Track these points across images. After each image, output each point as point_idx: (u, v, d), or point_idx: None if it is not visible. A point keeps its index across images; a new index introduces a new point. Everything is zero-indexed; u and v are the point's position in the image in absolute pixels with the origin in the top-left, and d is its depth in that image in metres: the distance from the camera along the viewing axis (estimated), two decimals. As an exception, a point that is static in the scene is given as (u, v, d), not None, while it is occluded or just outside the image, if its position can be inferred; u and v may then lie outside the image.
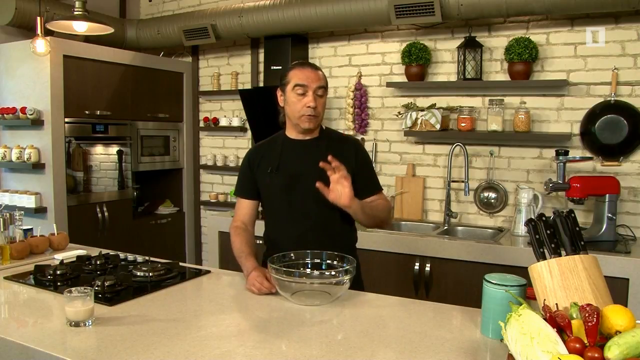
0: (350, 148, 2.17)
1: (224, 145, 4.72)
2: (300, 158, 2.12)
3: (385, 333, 1.53)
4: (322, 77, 2.08)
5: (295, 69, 2.07)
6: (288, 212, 2.12)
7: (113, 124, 4.03)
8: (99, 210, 3.94)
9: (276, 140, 2.21)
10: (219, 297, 1.87)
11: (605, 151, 3.22)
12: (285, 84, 2.08)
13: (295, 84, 2.03)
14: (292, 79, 2.05)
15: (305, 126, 2.07)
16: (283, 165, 2.12)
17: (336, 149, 2.08)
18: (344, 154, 2.09)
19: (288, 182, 2.10)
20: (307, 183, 2.02)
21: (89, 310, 1.53)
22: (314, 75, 2.05)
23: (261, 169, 2.15)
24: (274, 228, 2.20)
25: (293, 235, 2.10)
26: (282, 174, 2.11)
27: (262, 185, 2.16)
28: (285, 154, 2.14)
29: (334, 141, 2.18)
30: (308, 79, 2.03)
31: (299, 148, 2.14)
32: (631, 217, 3.21)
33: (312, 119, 2.06)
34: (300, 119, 2.05)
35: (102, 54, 3.93)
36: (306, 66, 2.08)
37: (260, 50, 4.39)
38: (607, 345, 1.05)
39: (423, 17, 3.31)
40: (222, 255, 3.90)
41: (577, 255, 1.38)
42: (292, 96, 2.04)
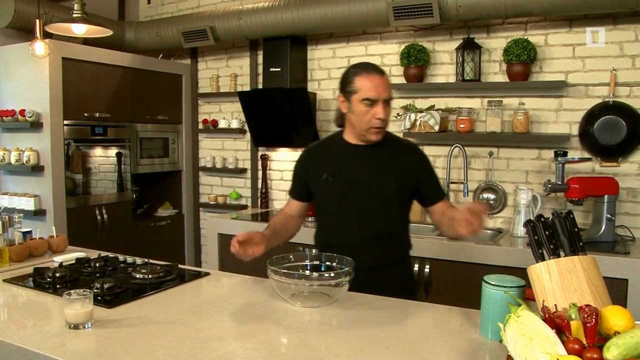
0: (413, 156, 2.11)
1: (223, 147, 4.72)
2: (359, 164, 2.04)
3: (385, 334, 1.52)
4: (389, 85, 1.97)
5: (362, 76, 1.93)
6: (343, 219, 2.05)
7: (112, 126, 4.03)
8: (98, 212, 3.94)
9: (332, 143, 2.13)
10: (219, 299, 1.87)
11: (604, 152, 3.22)
12: (350, 91, 1.95)
13: (364, 97, 1.91)
14: (360, 90, 1.92)
15: (373, 139, 1.99)
16: (339, 171, 2.04)
17: (396, 156, 2.05)
18: (404, 161, 2.06)
19: (345, 189, 2.02)
20: (365, 190, 2.00)
21: (88, 313, 1.53)
22: (383, 84, 1.93)
23: (316, 174, 2.08)
24: (327, 233, 2.14)
25: (347, 242, 2.03)
26: (338, 181, 2.03)
27: (316, 190, 2.11)
28: (343, 159, 2.06)
29: (396, 148, 2.09)
30: (378, 91, 1.91)
31: (359, 154, 2.05)
32: (630, 217, 3.21)
33: (380, 131, 1.98)
34: (368, 131, 1.97)
35: (101, 56, 3.93)
36: (373, 73, 1.93)
37: (259, 52, 4.40)
38: (606, 346, 1.05)
39: (421, 18, 3.32)
40: (221, 257, 3.91)
41: (576, 256, 1.38)
42: (360, 107, 1.93)
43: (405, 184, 2.05)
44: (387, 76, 1.99)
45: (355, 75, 1.95)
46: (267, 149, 4.47)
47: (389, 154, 2.05)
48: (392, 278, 2.07)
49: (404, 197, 2.08)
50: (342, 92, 2.01)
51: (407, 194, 2.09)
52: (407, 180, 2.05)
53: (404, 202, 2.11)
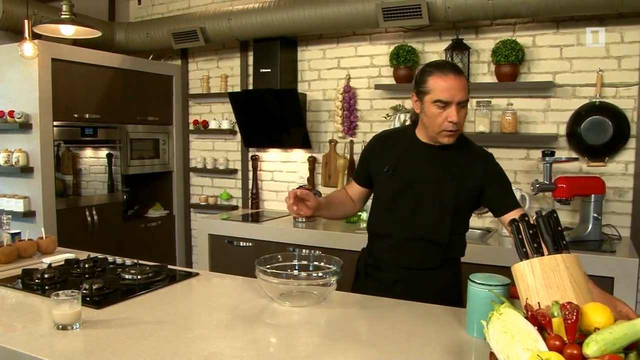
0: (480, 162, 1.98)
1: (214, 148, 4.72)
2: (423, 164, 1.98)
3: (372, 333, 1.54)
4: (466, 86, 1.85)
5: (436, 76, 1.84)
6: (394, 216, 2.01)
7: (102, 127, 4.03)
8: (89, 213, 3.94)
9: (402, 136, 2.06)
10: (208, 299, 1.88)
11: (591, 152, 3.26)
12: (423, 92, 1.87)
13: (437, 99, 1.83)
14: (432, 90, 1.84)
15: (445, 142, 1.90)
16: (401, 167, 1.98)
17: (464, 161, 1.96)
18: (471, 167, 1.96)
19: (402, 187, 1.96)
20: (421, 191, 1.95)
21: (77, 314, 1.53)
22: (458, 85, 1.82)
23: (379, 164, 2.04)
24: (379, 227, 2.08)
25: (398, 240, 2.00)
26: (397, 177, 1.98)
27: (376, 181, 2.07)
28: (408, 155, 2.00)
29: (464, 152, 1.98)
30: (451, 92, 1.81)
31: (425, 153, 1.98)
32: (616, 216, 3.25)
33: (453, 135, 1.88)
34: (440, 134, 1.88)
35: (91, 57, 3.93)
36: (448, 72, 1.83)
37: (249, 53, 4.40)
38: (586, 342, 1.07)
39: (410, 19, 3.34)
40: (212, 258, 3.91)
41: (559, 254, 1.40)
42: (432, 108, 1.85)
43: (465, 191, 1.96)
44: (463, 76, 1.88)
45: (429, 75, 1.86)
46: (258, 150, 4.48)
47: (456, 158, 1.96)
48: (436, 281, 2.01)
49: (462, 204, 1.99)
50: (415, 92, 1.93)
51: (467, 202, 2.00)
52: (469, 188, 1.96)
53: (462, 209, 2.01)
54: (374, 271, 2.11)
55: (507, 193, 1.99)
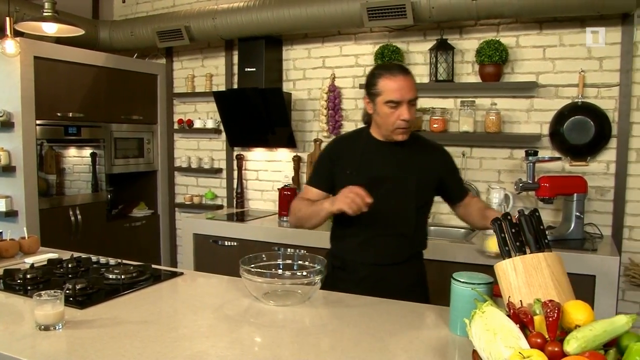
0: (438, 156, 2.15)
1: (199, 147, 4.70)
2: (384, 160, 2.06)
3: (356, 332, 1.55)
4: (414, 85, 1.97)
5: (385, 78, 1.94)
6: (361, 216, 2.00)
7: (86, 126, 3.98)
8: (72, 213, 3.89)
9: (358, 138, 2.14)
10: (192, 298, 1.87)
11: (574, 151, 3.29)
12: (375, 93, 1.97)
13: (388, 100, 1.93)
14: (383, 92, 1.94)
15: (399, 139, 2.01)
16: (363, 166, 2.06)
17: (421, 156, 2.09)
18: (428, 161, 2.09)
19: (366, 184, 1.97)
20: (386, 187, 2.01)
21: (59, 314, 1.52)
22: (407, 85, 1.93)
23: (340, 166, 2.09)
24: (343, 228, 2.14)
25: (364, 238, 2.05)
26: (361, 177, 2.02)
27: (339, 184, 2.06)
28: (368, 154, 2.07)
29: (421, 148, 2.12)
30: (402, 92, 1.92)
31: (384, 150, 2.07)
32: (598, 215, 3.29)
33: (406, 131, 1.99)
34: (394, 132, 1.99)
35: (75, 55, 3.88)
36: (397, 74, 1.94)
37: (234, 52, 4.39)
38: (566, 339, 1.09)
39: (395, 19, 3.35)
40: (197, 258, 3.89)
41: (541, 253, 1.42)
42: (384, 109, 1.95)
43: (426, 183, 2.09)
44: (411, 75, 1.99)
45: (379, 77, 1.96)
46: (243, 149, 4.47)
47: (413, 153, 2.08)
48: (404, 277, 2.09)
49: (425, 196, 2.12)
50: (367, 94, 2.02)
51: (428, 194, 2.14)
52: (428, 180, 2.09)
53: (424, 201, 2.13)
54: (341, 272, 2.13)
55: (461, 182, 2.25)
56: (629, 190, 3.23)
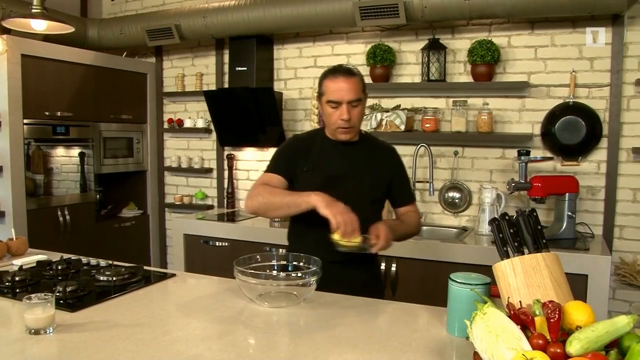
0: (388, 156, 2.21)
1: (189, 147, 4.66)
2: (338, 160, 2.11)
3: (353, 334, 1.53)
4: (357, 86, 2.00)
5: (327, 79, 2.02)
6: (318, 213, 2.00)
7: (74, 126, 3.93)
8: (61, 213, 3.84)
9: (315, 137, 2.18)
10: (185, 300, 1.84)
11: (565, 151, 3.30)
12: (320, 93, 2.06)
13: (328, 100, 2.00)
14: (325, 92, 2.02)
15: (341, 138, 2.07)
16: (319, 165, 2.10)
17: (373, 155, 2.15)
18: (380, 161, 2.15)
19: (322, 183, 2.04)
20: (342, 186, 2.05)
21: (50, 317, 1.48)
22: (348, 86, 1.97)
23: (297, 163, 2.12)
24: (300, 226, 2.17)
25: (322, 236, 2.01)
26: (318, 175, 2.08)
27: (295, 181, 2.12)
28: (323, 154, 2.12)
29: (372, 147, 2.18)
30: (340, 94, 1.97)
31: (337, 150, 2.12)
32: (589, 215, 3.30)
33: (347, 131, 2.04)
34: (336, 130, 2.05)
35: (63, 53, 3.83)
36: (339, 76, 2.00)
37: (225, 51, 4.36)
38: (569, 340, 1.08)
39: (387, 18, 3.34)
40: (187, 259, 3.85)
41: (539, 253, 1.41)
42: (327, 109, 2.03)
43: (379, 183, 2.15)
44: (357, 77, 2.03)
45: (324, 78, 2.05)
46: (233, 149, 4.44)
47: (366, 153, 2.14)
48: (358, 275, 2.12)
49: (378, 196, 2.18)
50: (317, 94, 2.11)
51: (381, 193, 2.19)
52: (381, 180, 2.15)
53: (377, 200, 2.19)
54: None
55: (408, 187, 2.28)
56: (620, 190, 3.25)
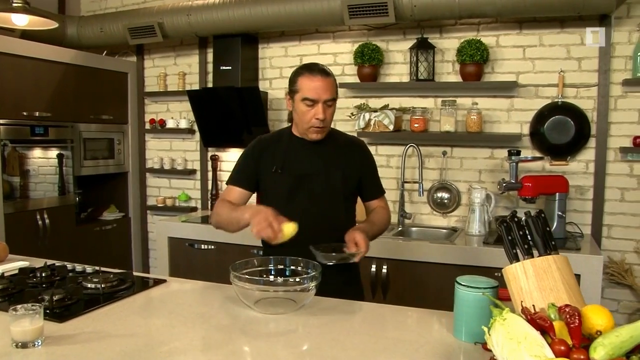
0: (357, 151, 2.17)
1: (171, 148, 4.56)
2: (307, 158, 2.08)
3: (358, 340, 1.48)
4: (333, 86, 1.98)
5: (304, 76, 1.96)
6: (292, 213, 1.97)
7: (53, 126, 3.80)
8: (39, 217, 3.71)
9: (281, 137, 2.14)
10: (179, 307, 1.76)
11: (554, 151, 3.30)
12: (294, 91, 1.99)
13: (304, 97, 1.95)
14: (300, 90, 1.96)
15: (313, 137, 2.03)
16: (288, 164, 2.06)
17: (343, 151, 2.12)
18: (351, 156, 2.13)
19: (294, 182, 2.04)
20: (313, 184, 2.03)
21: (38, 329, 1.39)
22: (325, 85, 1.95)
23: (265, 165, 2.08)
24: None
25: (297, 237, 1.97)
26: (287, 174, 2.05)
27: (265, 183, 2.10)
28: (291, 152, 2.08)
29: (341, 143, 2.15)
30: (318, 92, 1.93)
31: (306, 148, 2.08)
32: (578, 214, 3.31)
33: (320, 131, 2.01)
34: (309, 130, 2.01)
35: (41, 51, 3.70)
36: (316, 74, 1.95)
37: (208, 50, 4.27)
38: (593, 346, 1.04)
39: (376, 17, 3.30)
40: (172, 262, 3.76)
41: (550, 255, 1.38)
42: (301, 106, 1.97)
43: (351, 178, 2.12)
44: (332, 77, 2.00)
45: (299, 75, 1.99)
46: (217, 150, 4.36)
47: (335, 149, 2.11)
48: (337, 275, 2.02)
49: (350, 191, 2.16)
50: (288, 91, 2.06)
51: (353, 189, 2.17)
52: (352, 175, 2.12)
53: (350, 196, 2.17)
54: None
55: (377, 180, 2.25)
56: (608, 189, 3.26)
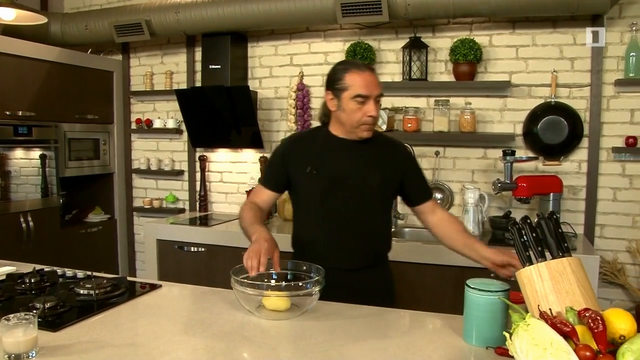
0: (399, 153, 2.07)
1: (158, 148, 4.47)
2: (344, 159, 1.98)
3: (367, 346, 1.43)
4: (379, 80, 1.93)
5: (352, 72, 1.87)
6: (324, 216, 1.97)
7: (37, 126, 3.68)
8: (23, 220, 3.59)
9: (317, 135, 2.05)
10: (178, 314, 1.70)
11: (547, 151, 3.30)
12: (340, 89, 1.88)
13: (357, 94, 1.85)
14: (351, 87, 1.86)
15: (364, 135, 1.94)
16: (323, 165, 1.97)
17: (383, 153, 2.02)
18: (391, 158, 2.02)
19: (328, 184, 1.95)
20: (349, 186, 1.95)
21: (32, 340, 1.32)
22: (375, 80, 1.89)
23: (297, 165, 2.00)
24: (307, 231, 2.06)
25: (326, 240, 1.97)
26: (321, 175, 1.96)
27: (298, 184, 2.02)
28: (327, 152, 1.99)
29: (382, 144, 2.05)
30: (370, 88, 1.86)
31: (344, 148, 1.98)
32: (571, 214, 3.31)
33: (371, 128, 1.94)
34: (360, 128, 1.91)
35: (24, 49, 3.58)
36: (364, 70, 1.88)
37: (196, 49, 4.19)
38: (620, 351, 1.01)
39: (370, 16, 3.26)
40: (160, 265, 3.67)
41: (564, 258, 1.35)
42: (351, 104, 1.87)
43: (390, 181, 2.02)
44: (375, 73, 1.95)
45: (345, 72, 1.88)
46: (206, 150, 4.28)
47: (375, 149, 2.00)
48: (370, 281, 2.01)
49: (388, 194, 2.07)
50: (330, 89, 1.93)
51: (391, 192, 2.07)
52: (392, 178, 2.02)
53: (387, 199, 2.09)
54: None
55: (424, 183, 2.11)
56: (600, 189, 3.26)
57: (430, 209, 2.08)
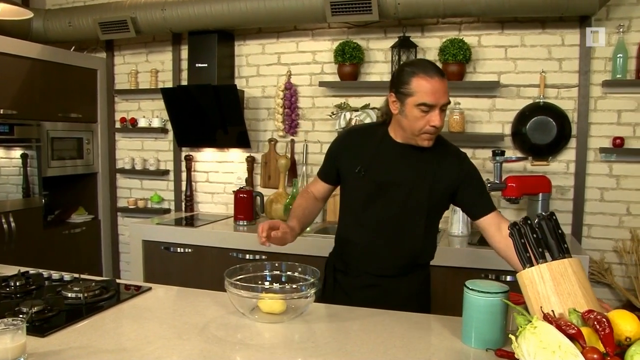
0: (455, 163, 1.90)
1: (143, 148, 4.40)
2: (395, 165, 1.88)
3: (366, 349, 1.41)
4: (447, 87, 1.77)
5: (420, 77, 1.72)
6: (367, 218, 1.90)
7: (19, 125, 3.60)
8: (5, 220, 3.50)
9: (373, 135, 1.94)
10: (170, 317, 1.66)
11: (535, 151, 3.31)
12: (405, 93, 1.75)
13: (422, 103, 1.72)
14: (417, 93, 1.72)
15: (424, 144, 1.81)
16: (374, 167, 1.88)
17: (439, 162, 1.87)
18: (446, 168, 1.87)
19: (373, 189, 1.87)
20: (395, 194, 1.86)
21: (21, 347, 1.27)
22: (443, 87, 1.73)
23: (348, 162, 1.93)
24: (349, 231, 1.99)
25: (367, 243, 1.91)
26: (369, 179, 1.88)
27: (346, 181, 1.97)
28: (380, 155, 1.89)
29: (440, 152, 1.89)
30: (437, 96, 1.72)
31: (397, 153, 1.88)
32: (560, 214, 3.26)
33: (433, 138, 1.80)
34: (420, 136, 1.78)
35: (5, 45, 3.49)
36: (433, 75, 1.72)
37: (182, 47, 4.13)
38: (629, 354, 1.00)
39: (359, 14, 3.24)
40: (146, 267, 3.61)
41: (565, 259, 1.34)
42: (414, 111, 1.74)
43: (439, 192, 1.88)
44: (446, 77, 1.78)
45: (413, 76, 1.74)
46: (192, 150, 4.22)
47: (431, 158, 1.87)
48: (403, 288, 1.95)
49: (436, 206, 1.93)
50: (394, 91, 1.81)
51: (441, 202, 1.93)
52: (442, 189, 1.88)
53: (435, 211, 1.95)
54: (343, 277, 2.02)
55: (484, 195, 1.91)
56: (588, 189, 3.29)
57: (493, 224, 1.84)
